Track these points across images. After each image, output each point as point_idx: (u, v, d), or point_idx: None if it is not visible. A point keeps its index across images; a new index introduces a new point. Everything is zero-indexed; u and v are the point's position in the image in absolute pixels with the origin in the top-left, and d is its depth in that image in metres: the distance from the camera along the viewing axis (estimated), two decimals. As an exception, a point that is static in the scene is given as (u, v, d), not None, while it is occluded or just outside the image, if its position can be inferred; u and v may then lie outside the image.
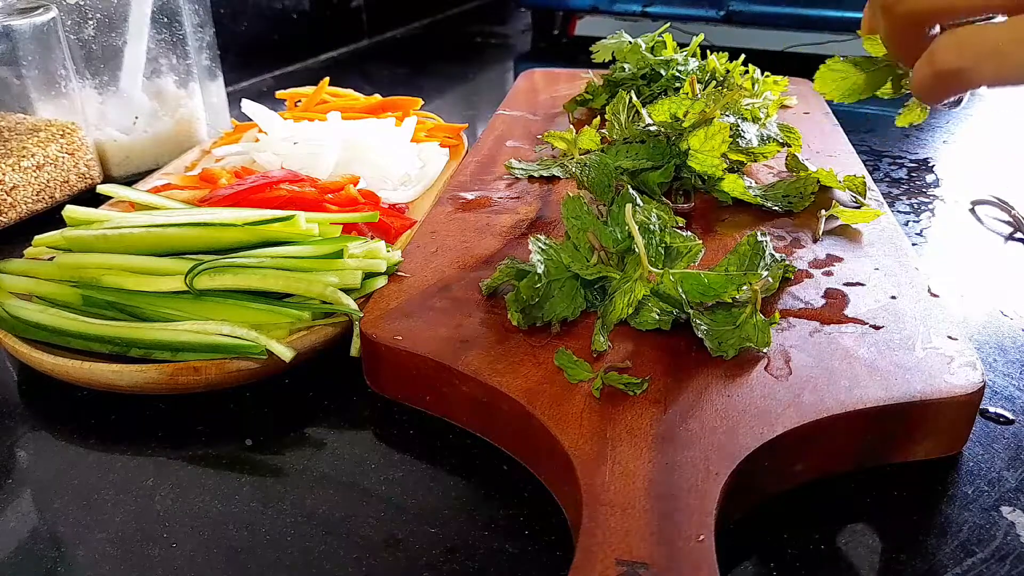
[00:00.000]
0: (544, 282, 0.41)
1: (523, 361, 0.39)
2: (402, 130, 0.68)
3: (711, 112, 0.53)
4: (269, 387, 0.44)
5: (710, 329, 0.40)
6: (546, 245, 0.43)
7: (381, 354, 0.41)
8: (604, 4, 1.20)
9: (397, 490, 0.37)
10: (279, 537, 0.34)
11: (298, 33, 1.10)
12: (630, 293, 0.40)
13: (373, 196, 0.59)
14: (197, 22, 0.74)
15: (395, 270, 0.47)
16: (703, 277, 0.40)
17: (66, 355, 0.42)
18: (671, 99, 0.56)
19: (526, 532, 0.35)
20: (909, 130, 0.87)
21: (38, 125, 0.64)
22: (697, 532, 0.29)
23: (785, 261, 0.45)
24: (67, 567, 0.33)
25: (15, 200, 0.61)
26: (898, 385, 0.37)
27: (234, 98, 0.80)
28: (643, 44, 0.74)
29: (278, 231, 0.46)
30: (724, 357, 0.39)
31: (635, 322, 0.41)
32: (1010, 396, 0.43)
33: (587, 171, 0.51)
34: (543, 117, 0.76)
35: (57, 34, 0.64)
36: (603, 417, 0.35)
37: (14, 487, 0.38)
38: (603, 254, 0.42)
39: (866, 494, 0.37)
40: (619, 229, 0.44)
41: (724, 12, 1.13)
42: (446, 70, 1.15)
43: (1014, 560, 0.33)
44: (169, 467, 0.39)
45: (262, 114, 0.67)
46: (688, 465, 0.33)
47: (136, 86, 0.71)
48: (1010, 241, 0.62)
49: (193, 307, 0.43)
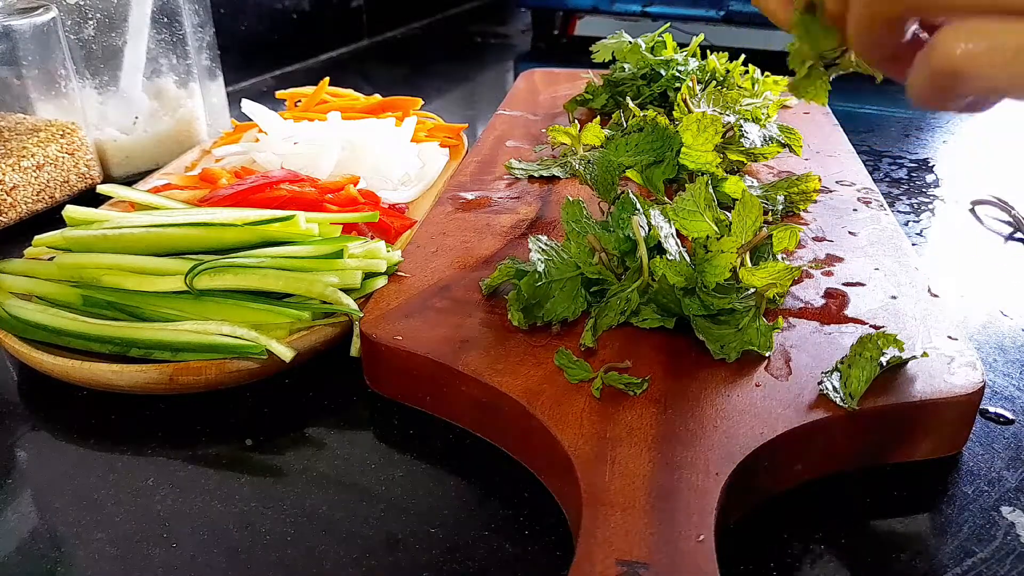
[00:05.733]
0: (544, 281, 0.41)
1: (523, 361, 0.39)
2: (402, 130, 0.68)
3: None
4: (269, 387, 0.44)
5: (712, 332, 0.40)
6: (546, 245, 0.43)
7: (381, 354, 0.41)
8: (604, 4, 1.20)
9: (397, 490, 0.37)
10: (279, 537, 0.34)
11: (298, 33, 1.10)
12: (625, 301, 0.41)
13: (373, 196, 0.59)
14: (197, 22, 0.74)
15: (395, 270, 0.47)
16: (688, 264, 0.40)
17: (66, 355, 0.42)
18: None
19: (526, 532, 0.35)
20: (909, 130, 0.87)
21: (38, 125, 0.64)
22: (697, 532, 0.29)
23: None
24: (67, 567, 0.33)
25: (15, 200, 0.61)
26: (898, 385, 0.37)
27: (234, 98, 0.80)
28: (643, 44, 0.74)
29: (278, 231, 0.46)
30: (726, 360, 0.39)
31: (637, 320, 0.41)
32: (1010, 396, 0.43)
33: (590, 168, 0.51)
34: (543, 117, 0.76)
35: (57, 34, 0.64)
36: (603, 417, 0.35)
37: (14, 487, 0.38)
38: (604, 256, 0.42)
39: (866, 494, 0.37)
40: (621, 232, 0.44)
41: (724, 12, 1.13)
42: (446, 70, 1.15)
43: (1014, 560, 0.33)
44: (169, 467, 0.38)
45: (262, 114, 0.67)
46: (688, 465, 0.33)
47: (136, 86, 0.71)
48: (1010, 241, 0.62)
49: (193, 307, 0.43)
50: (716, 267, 0.40)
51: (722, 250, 0.40)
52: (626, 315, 0.41)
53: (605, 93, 0.75)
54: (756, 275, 0.41)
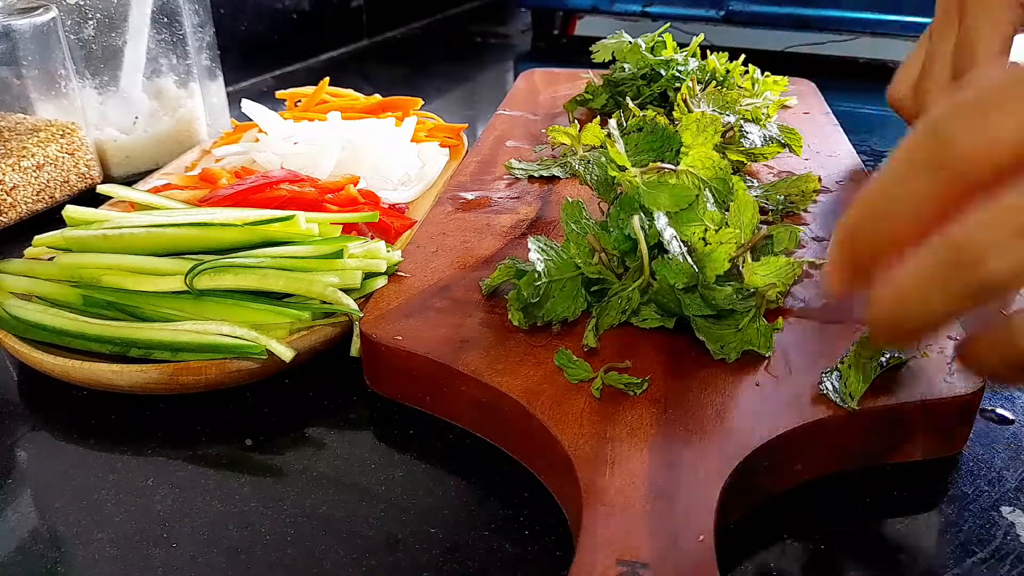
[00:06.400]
0: (544, 281, 0.41)
1: (523, 361, 0.39)
2: (402, 130, 0.68)
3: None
4: (269, 387, 0.44)
5: (712, 332, 0.40)
6: (546, 245, 0.43)
7: (381, 354, 0.41)
8: (604, 4, 1.20)
9: (397, 490, 0.37)
10: (279, 537, 0.34)
11: (298, 33, 1.10)
12: (626, 301, 0.41)
13: (373, 196, 0.59)
14: (197, 22, 0.74)
15: (395, 270, 0.47)
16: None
17: (66, 355, 0.42)
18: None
19: (526, 532, 0.35)
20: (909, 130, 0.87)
21: (38, 125, 0.64)
22: (697, 532, 0.29)
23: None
24: (67, 567, 0.33)
25: (15, 200, 0.61)
26: (898, 385, 0.37)
27: (234, 98, 0.80)
28: (643, 44, 0.74)
29: (278, 231, 0.46)
30: (726, 360, 0.39)
31: (637, 320, 0.41)
32: (1010, 396, 0.43)
33: (590, 168, 0.51)
34: (543, 117, 0.76)
35: (57, 34, 0.64)
36: (603, 417, 0.35)
37: (14, 487, 0.38)
38: (604, 256, 0.42)
39: (866, 494, 0.37)
40: (620, 231, 0.44)
41: (724, 12, 1.13)
42: (446, 70, 1.15)
43: (1014, 560, 0.33)
44: (169, 467, 0.39)
45: (262, 114, 0.67)
46: (688, 465, 0.33)
47: (136, 86, 0.71)
48: (1010, 241, 0.62)
49: (193, 307, 0.43)
50: (716, 260, 0.40)
51: (721, 242, 0.40)
52: (627, 314, 0.41)
53: (605, 93, 0.75)
54: (758, 271, 0.41)
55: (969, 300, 0.23)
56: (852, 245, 0.25)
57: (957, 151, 0.22)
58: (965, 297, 0.23)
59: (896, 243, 0.24)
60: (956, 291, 0.23)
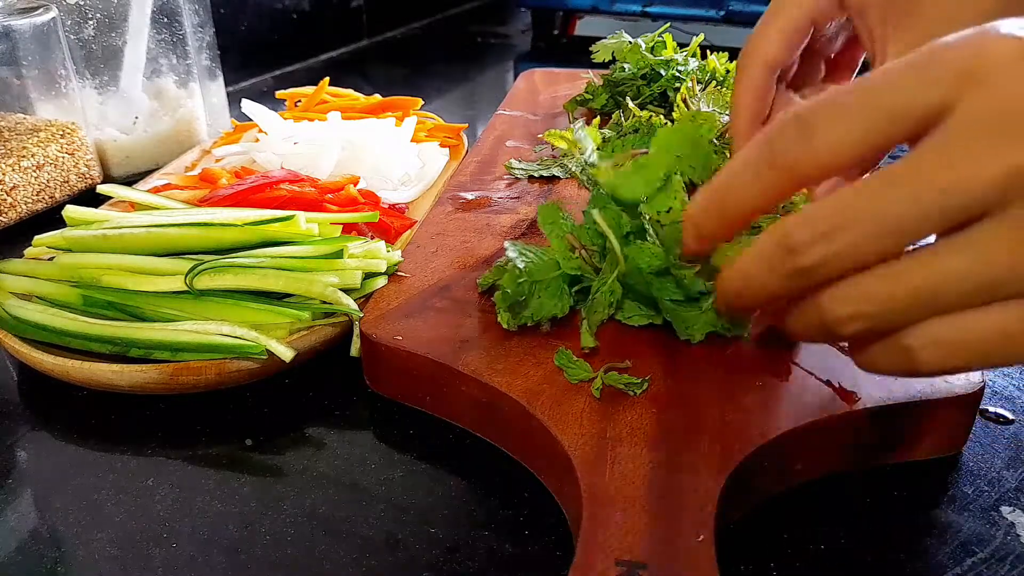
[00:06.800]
0: (527, 280, 0.41)
1: (523, 361, 0.39)
2: (402, 130, 0.68)
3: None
4: (269, 387, 0.44)
5: (679, 314, 0.39)
6: (525, 248, 0.42)
7: (381, 354, 0.41)
8: (604, 4, 1.20)
9: (397, 490, 0.37)
10: (279, 537, 0.34)
11: (298, 33, 1.10)
12: (608, 292, 0.40)
13: (373, 196, 0.59)
14: (197, 22, 0.74)
15: (395, 270, 0.47)
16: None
17: (66, 355, 0.42)
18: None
19: (526, 532, 0.35)
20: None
21: (38, 125, 0.64)
22: (697, 532, 0.29)
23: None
24: (67, 567, 0.33)
25: (15, 200, 0.61)
26: (898, 385, 0.37)
27: (234, 98, 0.80)
28: (643, 44, 0.74)
29: (278, 231, 0.46)
30: (691, 340, 0.39)
31: (622, 316, 0.41)
32: (1010, 396, 0.43)
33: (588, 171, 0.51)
34: (543, 117, 0.76)
35: (57, 34, 0.64)
36: (603, 417, 0.35)
37: (14, 487, 0.38)
38: (584, 253, 0.42)
39: (866, 494, 0.37)
40: (593, 226, 0.43)
41: (724, 12, 1.13)
42: (446, 70, 1.15)
43: (1014, 560, 0.33)
44: (169, 467, 0.39)
45: (262, 114, 0.67)
46: (688, 465, 0.33)
47: (136, 86, 0.71)
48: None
49: (193, 307, 0.43)
50: (679, 235, 0.39)
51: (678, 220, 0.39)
52: (613, 307, 0.41)
53: (605, 93, 0.75)
54: (727, 252, 0.40)
55: (790, 280, 0.28)
56: (695, 230, 0.33)
57: (786, 159, 0.28)
58: (786, 277, 0.28)
59: (730, 226, 0.31)
60: (779, 272, 0.28)
